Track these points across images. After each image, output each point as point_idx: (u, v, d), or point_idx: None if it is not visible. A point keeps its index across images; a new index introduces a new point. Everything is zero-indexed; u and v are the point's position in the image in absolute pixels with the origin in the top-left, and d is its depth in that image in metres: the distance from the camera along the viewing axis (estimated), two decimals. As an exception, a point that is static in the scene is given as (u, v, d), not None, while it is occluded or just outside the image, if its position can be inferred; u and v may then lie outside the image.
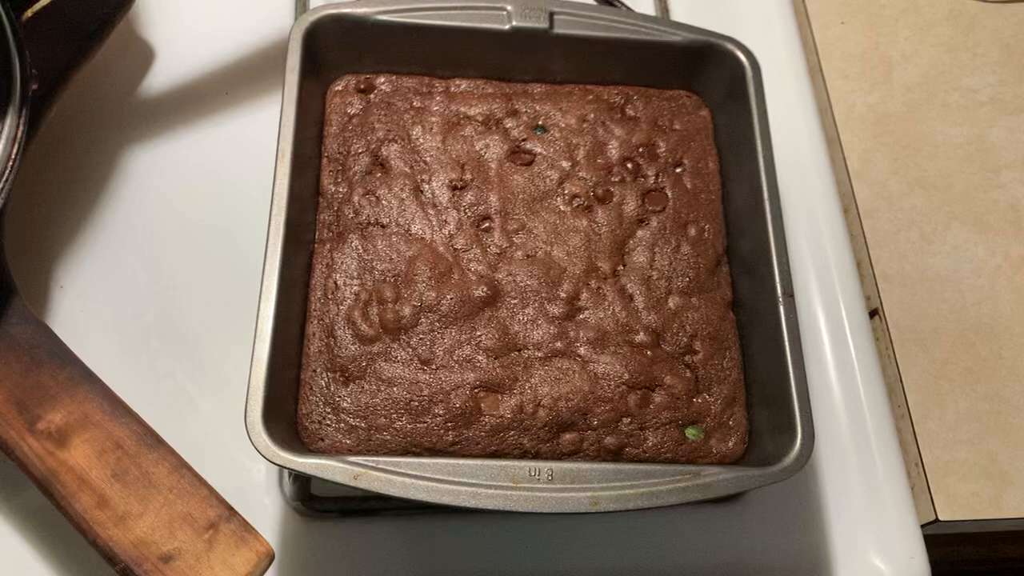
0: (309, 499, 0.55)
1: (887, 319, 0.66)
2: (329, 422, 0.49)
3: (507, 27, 0.57)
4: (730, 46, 0.58)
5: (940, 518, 0.60)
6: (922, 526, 0.60)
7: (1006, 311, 0.67)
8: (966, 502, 0.61)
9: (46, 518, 0.52)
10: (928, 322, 0.66)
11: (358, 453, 0.49)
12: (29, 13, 0.52)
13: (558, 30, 0.58)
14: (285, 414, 0.49)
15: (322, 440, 0.49)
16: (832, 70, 0.75)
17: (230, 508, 0.48)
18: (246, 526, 0.48)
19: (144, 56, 0.66)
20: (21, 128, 0.49)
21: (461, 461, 0.46)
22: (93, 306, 0.59)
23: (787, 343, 0.50)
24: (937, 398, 0.64)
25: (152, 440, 0.49)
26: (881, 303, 0.67)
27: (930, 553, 0.58)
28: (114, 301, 0.59)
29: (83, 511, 0.47)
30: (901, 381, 0.64)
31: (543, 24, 0.57)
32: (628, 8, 0.67)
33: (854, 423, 0.61)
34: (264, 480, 0.56)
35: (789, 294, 0.51)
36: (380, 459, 0.45)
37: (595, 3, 0.66)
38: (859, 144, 0.72)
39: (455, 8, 0.58)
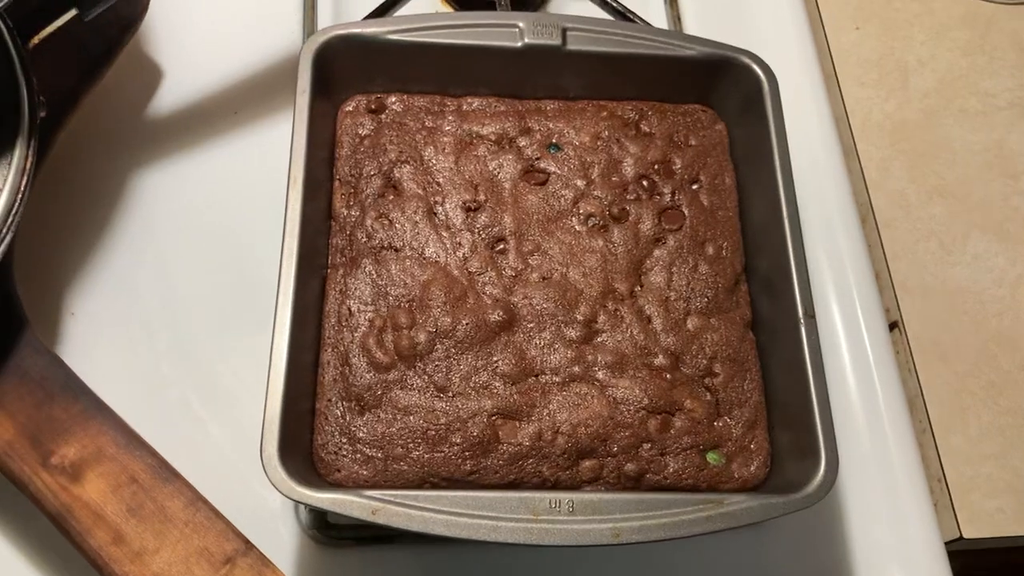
0: (326, 527, 0.55)
1: (907, 332, 0.65)
2: (345, 452, 0.49)
3: (519, 44, 0.56)
4: (746, 59, 0.57)
5: (964, 535, 0.59)
6: (946, 543, 0.59)
7: (1028, 322, 0.66)
8: (991, 518, 0.60)
9: (61, 553, 0.51)
10: (949, 334, 0.65)
11: (375, 484, 0.48)
12: (36, 40, 0.52)
13: (571, 46, 0.57)
14: (301, 445, 0.48)
15: (339, 471, 0.48)
16: (848, 77, 0.74)
17: (247, 541, 0.47)
18: (263, 560, 0.47)
19: (153, 76, 0.65)
20: (30, 159, 0.48)
21: (480, 494, 0.45)
22: (105, 333, 0.58)
23: (809, 367, 0.49)
24: (959, 412, 0.63)
25: (167, 473, 0.48)
26: (901, 315, 0.66)
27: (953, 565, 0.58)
28: (126, 328, 0.58)
29: (99, 547, 0.46)
30: (922, 395, 0.63)
31: (556, 41, 0.56)
32: (644, 22, 0.66)
33: (875, 439, 0.60)
34: (280, 508, 0.55)
35: (811, 315, 0.51)
36: (398, 493, 0.45)
37: (610, 18, 0.65)
38: (876, 153, 0.71)
39: (466, 26, 0.57)
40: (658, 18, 0.72)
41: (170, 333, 0.59)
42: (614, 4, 0.67)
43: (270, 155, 0.61)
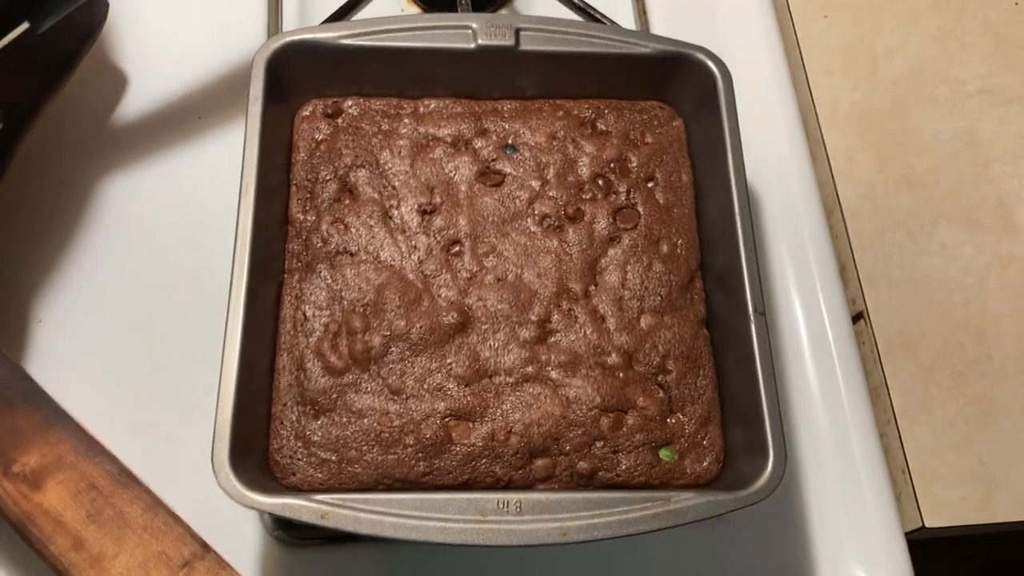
0: (289, 527, 0.55)
1: (872, 323, 0.65)
2: (300, 456, 0.49)
3: (472, 46, 0.56)
4: (700, 55, 0.57)
5: (927, 524, 0.60)
6: (908, 533, 0.60)
7: (995, 310, 0.66)
8: (955, 507, 0.61)
9: (21, 559, 0.52)
10: (915, 324, 0.65)
11: (329, 487, 0.49)
12: (-10, 54, 0.52)
13: (525, 47, 0.57)
14: (256, 450, 0.49)
15: (294, 475, 0.49)
16: (815, 66, 0.74)
17: (204, 545, 0.48)
18: (220, 562, 0.48)
19: (117, 83, 0.66)
20: (-15, 172, 0.49)
21: (429, 496, 0.46)
22: (72, 339, 0.59)
23: (759, 363, 0.50)
24: (924, 402, 0.63)
25: (126, 479, 0.49)
26: (866, 306, 0.66)
27: (921, 564, 0.58)
28: (93, 333, 0.59)
29: (59, 553, 0.47)
30: (887, 386, 0.63)
31: (509, 41, 0.57)
32: (610, 21, 0.66)
33: (836, 432, 0.60)
34: (244, 510, 0.56)
35: (760, 312, 0.51)
36: (348, 496, 0.46)
37: (573, 17, 0.65)
38: (843, 143, 0.71)
39: (420, 28, 0.57)
40: (625, 16, 0.72)
41: (136, 338, 0.59)
42: (579, 3, 0.67)
43: (235, 159, 0.61)
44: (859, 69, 0.74)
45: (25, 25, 0.52)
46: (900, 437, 0.62)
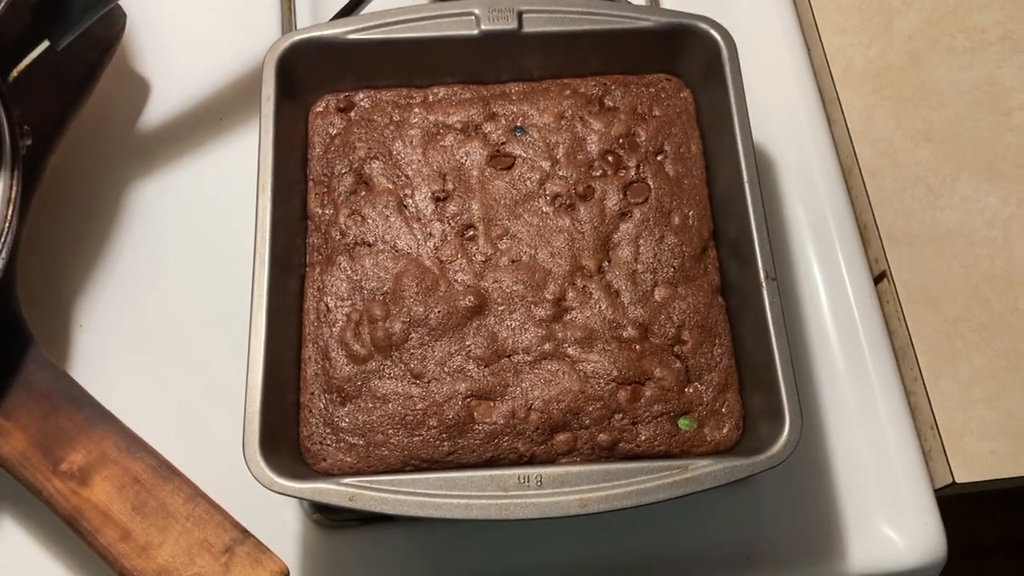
0: (326, 510, 0.58)
1: (895, 281, 0.65)
2: (329, 442, 0.51)
3: (476, 32, 0.57)
4: (703, 25, 0.58)
5: (957, 480, 0.60)
6: (938, 490, 0.60)
7: (1021, 261, 0.65)
8: (985, 462, 0.60)
9: (74, 550, 0.55)
10: (938, 280, 0.65)
11: (359, 471, 0.51)
12: (15, 73, 0.55)
13: (528, 29, 0.58)
14: (288, 438, 0.51)
15: (324, 460, 0.51)
16: (828, 25, 0.74)
17: (244, 531, 0.51)
18: (260, 547, 0.50)
19: (140, 89, 0.68)
20: (15, 188, 0.52)
21: (452, 475, 0.48)
22: (111, 341, 0.62)
23: (771, 328, 0.50)
24: (950, 358, 0.63)
25: (167, 472, 0.52)
26: (888, 265, 0.66)
27: (953, 520, 0.58)
28: (130, 334, 0.62)
29: (108, 544, 0.50)
30: (912, 344, 0.63)
31: (512, 25, 0.57)
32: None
33: (862, 392, 0.61)
34: (282, 496, 0.58)
35: (772, 277, 0.51)
36: (374, 479, 0.47)
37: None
38: (859, 101, 0.71)
39: (424, 18, 0.58)
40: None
41: (171, 337, 0.62)
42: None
43: (256, 158, 0.63)
44: (873, 25, 0.73)
45: (45, 44, 0.54)
46: (927, 394, 0.62)
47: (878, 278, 0.66)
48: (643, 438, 0.52)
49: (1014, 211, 0.67)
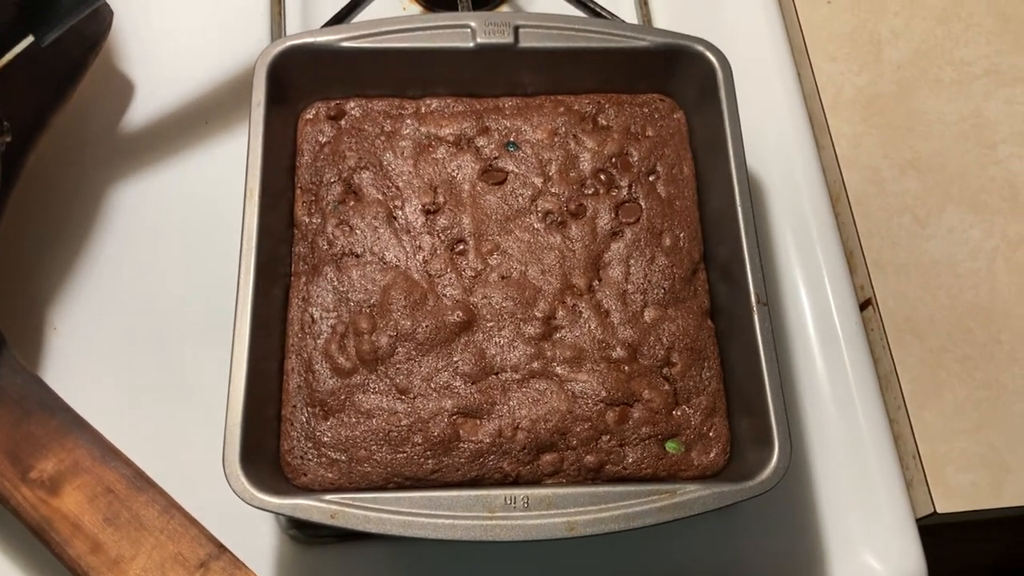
0: (302, 526, 0.56)
1: (880, 309, 0.65)
2: (311, 457, 0.50)
3: (472, 45, 0.57)
4: (699, 47, 0.57)
5: (938, 510, 0.60)
6: (920, 519, 0.60)
7: (1004, 293, 0.66)
8: (965, 493, 0.60)
9: (42, 562, 0.53)
10: (923, 310, 0.65)
11: (340, 487, 0.49)
12: (-3, 68, 0.53)
13: (524, 44, 0.57)
14: (268, 452, 0.50)
15: (305, 475, 0.50)
16: (819, 52, 0.74)
17: (220, 545, 0.49)
18: (235, 562, 0.49)
19: (124, 90, 0.67)
20: (-6, 185, 0.50)
21: (437, 494, 0.47)
22: (87, 345, 0.60)
23: (762, 353, 0.50)
24: (934, 388, 0.63)
25: (142, 482, 0.50)
26: (874, 293, 0.66)
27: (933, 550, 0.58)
28: (107, 339, 0.60)
29: (77, 557, 0.48)
30: (896, 372, 0.63)
31: (508, 39, 0.57)
32: (613, 16, 0.66)
33: (846, 420, 0.60)
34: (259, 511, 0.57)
35: (763, 302, 0.51)
36: (357, 495, 0.46)
37: (577, 14, 0.65)
38: (848, 129, 0.71)
39: (419, 29, 0.57)
40: (627, 9, 0.72)
41: (149, 343, 0.60)
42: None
43: (242, 163, 0.62)
44: (863, 54, 0.74)
45: (29, 39, 0.53)
46: (911, 423, 0.62)
47: (863, 305, 0.66)
48: (630, 460, 0.51)
49: (997, 243, 0.67)
